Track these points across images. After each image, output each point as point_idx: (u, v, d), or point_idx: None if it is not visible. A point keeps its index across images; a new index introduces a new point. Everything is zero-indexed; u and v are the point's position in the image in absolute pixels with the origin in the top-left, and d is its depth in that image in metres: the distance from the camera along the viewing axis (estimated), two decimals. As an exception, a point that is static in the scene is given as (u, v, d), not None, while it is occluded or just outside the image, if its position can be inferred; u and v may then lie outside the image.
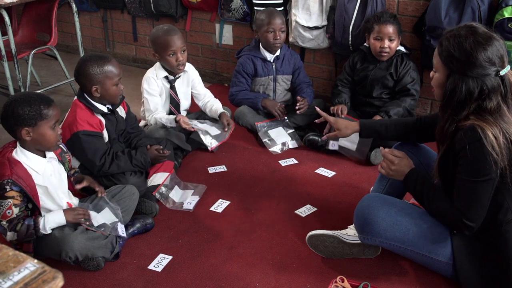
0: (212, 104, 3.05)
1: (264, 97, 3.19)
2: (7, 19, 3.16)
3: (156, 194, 2.47)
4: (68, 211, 2.01)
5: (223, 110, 3.01)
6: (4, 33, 3.24)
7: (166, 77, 2.90)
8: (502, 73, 1.65)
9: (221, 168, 2.84)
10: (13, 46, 3.26)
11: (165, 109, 2.95)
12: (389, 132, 2.18)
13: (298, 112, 3.07)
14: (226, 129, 2.94)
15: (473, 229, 1.73)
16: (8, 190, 1.86)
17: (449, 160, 1.77)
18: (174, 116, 2.84)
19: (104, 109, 2.39)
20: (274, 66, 3.22)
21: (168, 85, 2.92)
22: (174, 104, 2.96)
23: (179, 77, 2.94)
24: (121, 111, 2.54)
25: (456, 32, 1.69)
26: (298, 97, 3.10)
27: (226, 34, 3.99)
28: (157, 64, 2.91)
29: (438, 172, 1.83)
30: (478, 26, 1.70)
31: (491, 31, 1.70)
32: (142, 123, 3.00)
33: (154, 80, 2.86)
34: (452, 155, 1.74)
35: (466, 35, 1.66)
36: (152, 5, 4.03)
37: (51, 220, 1.97)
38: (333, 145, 2.92)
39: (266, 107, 3.15)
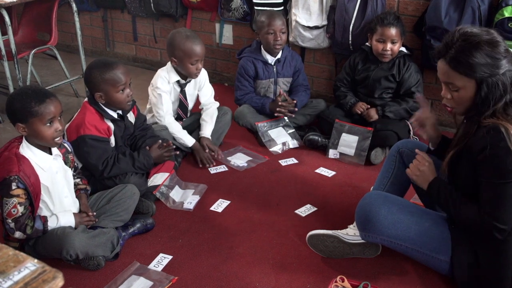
0: (206, 121, 2.96)
1: (269, 102, 3.17)
2: (7, 18, 3.16)
3: (157, 193, 2.47)
4: (77, 215, 2.09)
5: (207, 136, 2.91)
6: (4, 33, 3.24)
7: (178, 81, 2.86)
8: None
9: (222, 168, 2.84)
10: (13, 46, 3.26)
11: (173, 111, 2.92)
12: None
13: (275, 114, 3.11)
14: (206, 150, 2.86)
15: (506, 232, 1.67)
16: (14, 188, 1.87)
17: (461, 158, 1.75)
18: (192, 142, 2.82)
19: (114, 115, 2.38)
20: (275, 69, 3.21)
21: (178, 89, 2.88)
22: (182, 108, 2.94)
23: (190, 81, 2.91)
24: (130, 116, 2.52)
25: (460, 44, 1.64)
26: (279, 98, 3.09)
27: (226, 34, 3.99)
28: (169, 67, 2.84)
29: (448, 169, 1.81)
30: (466, 28, 1.68)
31: (477, 26, 1.70)
32: None
33: (166, 81, 2.81)
34: (467, 153, 1.71)
35: (473, 40, 1.62)
36: (152, 4, 4.03)
37: (63, 222, 2.04)
38: (335, 155, 2.92)
39: (273, 111, 3.14)
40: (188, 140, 2.82)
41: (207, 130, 2.93)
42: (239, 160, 2.91)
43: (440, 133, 1.99)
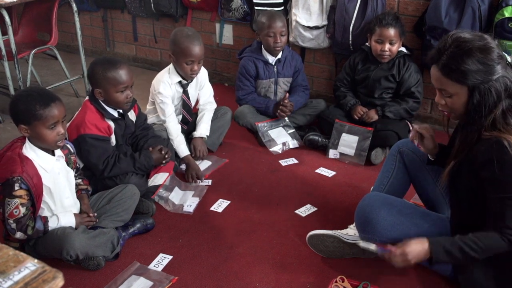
0: (202, 121, 2.94)
1: (273, 104, 3.16)
2: (7, 18, 3.16)
3: (156, 197, 2.46)
4: (77, 215, 2.09)
5: (201, 136, 2.89)
6: (5, 33, 3.24)
7: (179, 82, 2.84)
8: (510, 60, 1.64)
9: (205, 182, 2.72)
10: (13, 46, 3.26)
11: (177, 113, 2.89)
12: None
13: (277, 115, 3.10)
14: (198, 156, 2.82)
15: None
16: (16, 189, 1.86)
17: (462, 169, 1.73)
18: (184, 154, 2.76)
19: (115, 114, 2.38)
20: (275, 69, 3.21)
21: (180, 90, 2.86)
22: (186, 108, 2.93)
23: (191, 81, 2.89)
24: (131, 114, 2.52)
25: (452, 50, 1.63)
26: (286, 101, 3.09)
27: (227, 34, 3.99)
28: (171, 68, 2.82)
29: (448, 179, 1.79)
30: (459, 33, 1.67)
31: (471, 32, 1.69)
32: None
33: (169, 85, 2.79)
34: (468, 165, 1.70)
35: (465, 47, 1.61)
36: (152, 4, 4.03)
37: (63, 222, 2.04)
38: (335, 155, 2.92)
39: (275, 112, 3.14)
40: (181, 151, 2.76)
41: (200, 130, 2.91)
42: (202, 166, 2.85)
43: (436, 143, 1.98)
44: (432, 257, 1.70)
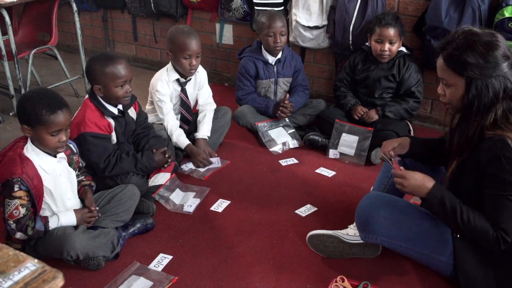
0: (202, 122, 2.93)
1: (273, 104, 3.16)
2: (7, 18, 3.16)
3: (156, 196, 2.46)
4: (78, 211, 2.08)
5: (203, 137, 2.89)
6: (5, 33, 3.24)
7: (177, 80, 2.84)
8: None
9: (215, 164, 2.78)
10: (13, 46, 3.26)
11: (176, 112, 2.90)
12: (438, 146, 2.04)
13: (278, 115, 3.09)
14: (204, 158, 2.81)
15: (508, 243, 1.66)
16: (16, 190, 1.86)
17: (465, 169, 1.74)
18: (185, 144, 2.78)
19: (114, 111, 2.37)
20: (275, 69, 3.21)
21: (179, 88, 2.86)
22: (185, 107, 2.93)
23: (190, 79, 2.90)
24: (131, 112, 2.51)
25: (458, 41, 1.66)
26: (286, 101, 3.09)
27: (227, 34, 3.99)
28: (169, 66, 2.83)
29: (449, 181, 1.80)
30: (472, 27, 1.70)
31: (485, 28, 1.71)
32: None
33: (166, 83, 2.80)
34: (472, 164, 1.70)
35: (471, 39, 1.63)
36: (152, 4, 4.04)
37: (64, 222, 2.03)
38: (335, 155, 2.92)
39: (276, 114, 3.14)
40: (181, 142, 2.78)
41: (202, 131, 2.91)
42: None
43: (405, 142, 2.05)
44: (426, 199, 1.77)
